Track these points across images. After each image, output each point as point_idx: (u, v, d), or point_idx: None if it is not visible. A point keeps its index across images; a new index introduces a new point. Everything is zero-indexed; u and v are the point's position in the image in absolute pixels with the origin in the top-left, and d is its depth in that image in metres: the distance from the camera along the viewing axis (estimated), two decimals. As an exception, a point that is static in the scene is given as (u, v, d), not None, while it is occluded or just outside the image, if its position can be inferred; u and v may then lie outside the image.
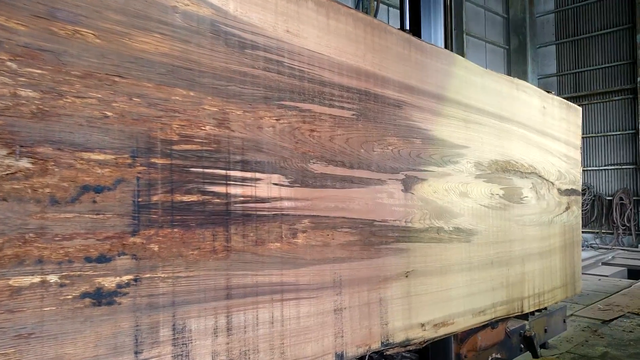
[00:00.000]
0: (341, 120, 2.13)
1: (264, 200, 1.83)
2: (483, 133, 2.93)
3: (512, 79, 3.23)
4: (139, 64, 1.52)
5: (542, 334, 4.44)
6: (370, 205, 2.25)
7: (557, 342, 6.22)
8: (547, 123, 3.58)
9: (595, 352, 5.99)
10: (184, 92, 1.61)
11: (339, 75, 2.12)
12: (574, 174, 3.94)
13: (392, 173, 2.36)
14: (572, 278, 3.91)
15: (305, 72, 1.98)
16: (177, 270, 1.58)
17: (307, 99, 1.99)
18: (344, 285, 2.12)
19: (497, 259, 3.02)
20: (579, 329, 6.89)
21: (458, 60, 2.79)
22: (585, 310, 7.90)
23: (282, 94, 1.90)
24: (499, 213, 3.04)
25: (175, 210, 1.58)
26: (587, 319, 7.34)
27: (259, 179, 1.81)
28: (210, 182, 1.67)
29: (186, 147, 1.61)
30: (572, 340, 6.40)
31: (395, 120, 2.39)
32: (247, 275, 1.77)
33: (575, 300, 8.28)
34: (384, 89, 2.33)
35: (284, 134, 1.90)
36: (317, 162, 2.02)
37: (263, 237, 1.82)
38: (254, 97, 1.81)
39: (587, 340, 6.40)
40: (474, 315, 2.82)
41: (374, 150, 2.27)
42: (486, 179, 2.94)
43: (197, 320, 1.63)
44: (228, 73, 1.73)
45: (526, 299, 3.30)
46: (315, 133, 2.02)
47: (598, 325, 7.05)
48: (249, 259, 1.78)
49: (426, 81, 2.56)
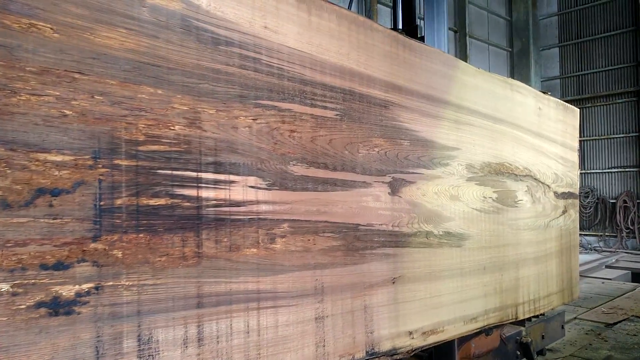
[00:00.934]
0: (324, 121, 2.05)
1: (239, 203, 1.75)
2: (475, 134, 2.84)
3: (505, 79, 3.15)
4: (102, 60, 1.44)
5: (540, 340, 4.34)
6: (355, 208, 2.16)
7: (561, 346, 6.11)
8: (543, 124, 3.49)
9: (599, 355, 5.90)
10: (151, 89, 1.53)
11: (322, 74, 2.04)
12: (570, 177, 3.84)
13: (378, 175, 2.28)
14: (570, 283, 3.81)
15: (284, 70, 1.90)
16: (143, 278, 1.50)
17: (287, 98, 1.91)
18: (326, 292, 2.04)
19: (490, 264, 2.93)
20: (582, 332, 6.77)
21: (449, 59, 2.71)
22: (588, 314, 7.78)
23: (260, 92, 1.82)
24: (492, 217, 2.95)
25: (141, 214, 1.50)
26: (590, 322, 7.23)
27: (233, 181, 1.73)
28: (180, 185, 1.59)
29: (153, 147, 1.53)
30: (575, 344, 6.30)
31: (382, 120, 2.31)
32: (220, 282, 1.69)
33: (578, 303, 8.14)
34: (370, 89, 2.25)
35: (262, 135, 1.82)
36: (297, 164, 1.94)
37: (238, 242, 1.74)
38: (228, 95, 1.73)
39: (590, 344, 6.29)
40: (465, 322, 2.73)
41: (358, 152, 2.19)
42: (478, 181, 2.85)
43: (165, 331, 1.55)
44: (200, 70, 1.65)
45: (521, 305, 3.20)
46: (296, 134, 1.94)
47: (602, 329, 6.95)
48: (223, 265, 1.70)
49: (415, 80, 2.48)
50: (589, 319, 7.34)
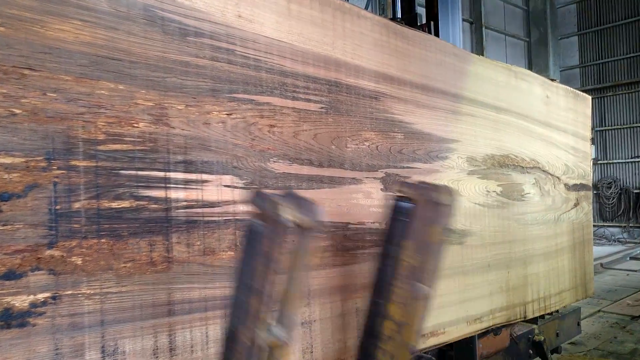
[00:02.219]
0: (307, 114, 1.93)
1: (214, 204, 1.65)
2: (477, 125, 2.70)
3: (509, 67, 2.99)
4: (54, 54, 1.34)
5: (554, 338, 4.17)
6: (344, 206, 2.05)
7: (585, 339, 5.95)
8: (552, 113, 3.32)
9: (625, 348, 5.73)
10: (111, 85, 1.44)
11: (304, 65, 1.93)
12: (583, 168, 3.67)
13: (369, 171, 2.16)
14: (583, 279, 3.64)
15: (262, 61, 1.79)
16: (106, 286, 1.41)
17: (265, 91, 1.80)
18: (314, 295, 1.93)
19: (495, 262, 2.78)
20: (607, 325, 6.64)
21: (446, 47, 2.57)
22: (613, 306, 7.63)
23: (234, 85, 1.71)
24: (496, 212, 2.81)
25: (103, 218, 1.41)
26: (615, 315, 7.09)
27: (206, 180, 1.63)
28: (146, 186, 1.49)
29: (115, 147, 1.44)
30: (599, 337, 6.16)
31: (373, 113, 2.18)
32: (193, 288, 1.59)
33: (602, 296, 8.06)
34: (359, 79, 2.13)
35: (237, 130, 1.72)
36: (278, 161, 1.83)
37: (213, 245, 1.64)
38: (199, 89, 1.62)
39: (615, 337, 6.15)
40: (468, 323, 2.60)
41: (347, 147, 2.07)
42: (481, 175, 2.71)
43: (132, 341, 1.45)
44: (166, 63, 1.55)
45: (530, 303, 3.06)
46: (276, 129, 1.83)
47: (627, 322, 6.79)
48: (196, 270, 1.60)
49: (408, 70, 2.35)
50: (613, 312, 7.22)
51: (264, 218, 1.26)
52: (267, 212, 1.26)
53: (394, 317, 1.68)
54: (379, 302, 1.74)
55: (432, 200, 1.64)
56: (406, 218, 1.68)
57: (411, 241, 1.66)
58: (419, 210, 1.66)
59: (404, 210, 1.70)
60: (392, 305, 1.68)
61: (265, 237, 1.24)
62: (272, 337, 1.28)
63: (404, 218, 1.69)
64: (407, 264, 1.67)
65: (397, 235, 1.70)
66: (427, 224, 1.65)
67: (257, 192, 1.32)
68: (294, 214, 1.26)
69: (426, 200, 1.65)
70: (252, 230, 1.30)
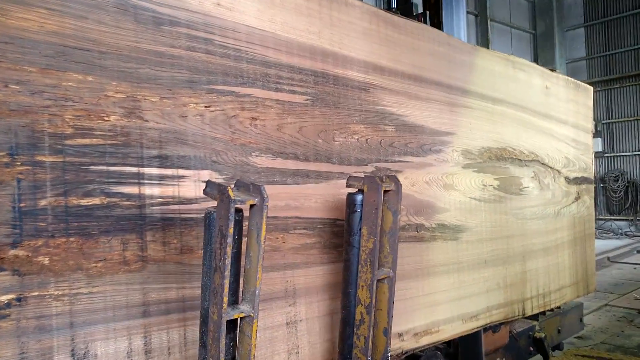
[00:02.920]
0: (292, 106, 1.86)
1: (191, 200, 1.58)
2: (472, 117, 2.62)
3: (507, 57, 2.91)
4: (17, 44, 1.28)
5: (555, 334, 4.10)
6: (332, 202, 1.98)
7: (592, 333, 5.90)
8: (551, 105, 3.24)
9: (632, 342, 5.68)
10: (79, 76, 1.37)
11: (288, 55, 1.85)
12: (584, 161, 3.58)
13: (358, 165, 2.09)
14: (585, 275, 3.56)
15: (242, 51, 1.72)
16: (75, 287, 1.35)
17: (247, 83, 1.73)
18: (300, 294, 1.87)
19: (492, 258, 2.71)
20: (614, 319, 6.56)
21: (440, 36, 2.49)
22: (620, 300, 7.59)
23: (213, 76, 1.65)
24: (493, 206, 2.73)
25: (71, 216, 1.35)
26: (622, 309, 7.03)
27: (183, 176, 1.57)
28: (118, 182, 1.43)
29: (84, 141, 1.37)
30: (606, 331, 6.12)
31: (362, 105, 2.11)
32: (170, 288, 1.53)
33: (609, 289, 8.02)
34: (347, 70, 2.05)
35: (217, 123, 1.65)
36: (261, 155, 1.76)
37: (191, 243, 1.58)
38: (174, 81, 1.56)
39: (622, 331, 6.10)
40: (464, 321, 2.53)
41: (334, 140, 2.00)
42: (476, 168, 2.63)
43: (104, 343, 1.40)
44: (139, 54, 1.48)
45: (528, 300, 2.98)
46: (258, 121, 1.76)
47: (634, 315, 6.74)
48: (173, 269, 1.54)
49: (400, 60, 2.27)
50: (620, 306, 7.18)
51: (217, 203, 1.34)
52: (217, 196, 1.34)
53: (362, 301, 1.76)
54: (349, 291, 1.81)
55: (377, 188, 1.73)
56: (360, 209, 1.77)
57: (366, 227, 1.75)
58: (366, 198, 1.75)
59: (357, 202, 1.78)
60: (360, 291, 1.76)
61: (218, 218, 1.32)
62: (237, 312, 1.36)
63: (358, 209, 1.77)
64: (366, 248, 1.75)
65: (355, 225, 1.78)
66: (376, 210, 1.72)
67: (207, 181, 1.41)
68: (241, 194, 1.35)
69: (371, 188, 1.74)
70: (209, 217, 1.39)
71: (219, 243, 1.31)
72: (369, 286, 1.74)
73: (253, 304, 1.38)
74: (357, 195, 1.77)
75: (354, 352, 1.78)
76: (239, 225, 1.36)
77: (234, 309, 1.37)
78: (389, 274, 1.84)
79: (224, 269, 1.29)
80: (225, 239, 1.29)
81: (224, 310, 1.30)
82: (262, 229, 1.37)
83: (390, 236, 1.83)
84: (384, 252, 1.83)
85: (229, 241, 1.29)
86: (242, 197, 1.34)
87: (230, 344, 1.40)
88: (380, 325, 1.85)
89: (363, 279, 1.75)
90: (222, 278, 1.29)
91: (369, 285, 1.74)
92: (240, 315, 1.38)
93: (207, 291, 1.37)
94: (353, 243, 1.78)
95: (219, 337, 1.31)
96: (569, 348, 5.20)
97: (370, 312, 1.74)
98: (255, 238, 1.39)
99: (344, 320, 1.81)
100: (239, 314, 1.37)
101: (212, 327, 1.32)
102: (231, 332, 1.40)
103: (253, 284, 1.39)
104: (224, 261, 1.29)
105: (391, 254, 1.84)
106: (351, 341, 1.79)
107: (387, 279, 1.84)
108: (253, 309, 1.38)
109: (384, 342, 1.84)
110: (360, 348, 1.76)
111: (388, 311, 1.84)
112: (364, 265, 1.75)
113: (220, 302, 1.30)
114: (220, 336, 1.31)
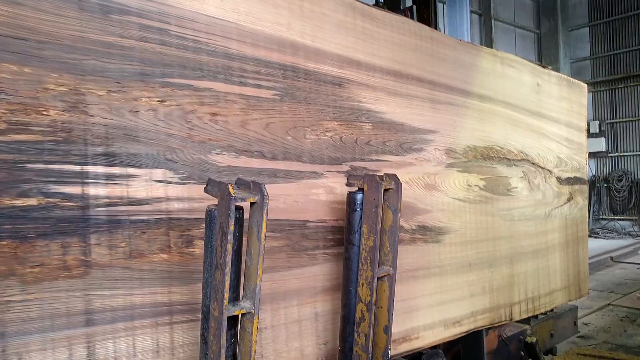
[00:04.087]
0: (258, 102, 1.76)
1: (142, 201, 1.48)
2: (457, 115, 2.51)
3: (494, 52, 2.80)
4: (-58, 32, 1.18)
5: (548, 339, 3.98)
6: (302, 202, 1.88)
7: (594, 332, 5.89)
8: (543, 102, 3.12)
9: (634, 342, 5.64)
10: (14, 67, 1.27)
11: (253, 47, 1.75)
12: (577, 160, 3.46)
13: (332, 164, 1.98)
14: (577, 278, 3.45)
15: (202, 42, 1.62)
16: (8, 294, 1.25)
17: (207, 76, 1.63)
18: (264, 300, 1.76)
19: (477, 261, 2.60)
20: (616, 319, 6.52)
21: (422, 29, 2.38)
22: (623, 300, 7.60)
23: (169, 69, 1.54)
24: (478, 207, 2.62)
25: (3, 217, 1.25)
26: (625, 309, 7.01)
27: (133, 175, 1.47)
28: (58, 181, 1.33)
29: (19, 137, 1.28)
30: (609, 330, 6.11)
31: (336, 101, 2.01)
32: (117, 295, 1.43)
33: (612, 289, 8.02)
34: (319, 64, 1.95)
35: (172, 119, 1.55)
36: (222, 153, 1.66)
37: (141, 247, 1.48)
38: (124, 73, 1.45)
39: (625, 330, 6.05)
40: (446, 326, 2.42)
41: (306, 138, 1.90)
42: (461, 168, 2.52)
43: (40, 354, 1.30)
44: (84, 44, 1.38)
45: (516, 304, 2.87)
46: (220, 117, 1.66)
47: (637, 315, 6.74)
48: (120, 275, 1.44)
49: (378, 55, 2.16)
50: (623, 305, 7.17)
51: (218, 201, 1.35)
52: (217, 194, 1.35)
53: (363, 299, 1.77)
54: (350, 289, 1.82)
55: (377, 187, 1.73)
56: (360, 207, 1.78)
57: (366, 225, 1.75)
58: (366, 196, 1.75)
59: (357, 201, 1.78)
60: (360, 288, 1.78)
61: (219, 215, 1.33)
62: (238, 309, 1.38)
63: (359, 208, 1.78)
64: (367, 246, 1.76)
65: (355, 223, 1.79)
66: (376, 208, 1.73)
67: (208, 179, 1.42)
68: (241, 192, 1.36)
69: (371, 187, 1.74)
70: (210, 215, 1.40)
71: (220, 240, 1.33)
72: (370, 284, 1.76)
73: (254, 300, 1.40)
74: (358, 194, 1.78)
75: (354, 350, 1.80)
76: (239, 222, 1.38)
77: (234, 305, 1.38)
78: (390, 272, 1.85)
79: (225, 266, 1.31)
80: (226, 236, 1.30)
81: (225, 306, 1.32)
82: (263, 226, 1.39)
83: (390, 234, 1.85)
84: (384, 250, 1.85)
85: (230, 238, 1.31)
86: (243, 194, 1.36)
87: (231, 340, 1.42)
88: (380, 323, 1.86)
89: (363, 277, 1.77)
90: (223, 275, 1.31)
91: (370, 283, 1.76)
92: (241, 312, 1.39)
93: (208, 288, 1.39)
94: (353, 241, 1.80)
95: (220, 334, 1.32)
96: (572, 347, 5.16)
97: (371, 310, 1.76)
98: (255, 235, 1.40)
99: (345, 318, 1.83)
100: (240, 310, 1.39)
101: (214, 324, 1.34)
102: (232, 328, 1.41)
103: (254, 281, 1.41)
104: (225, 258, 1.31)
105: (391, 252, 1.85)
106: (352, 339, 1.81)
107: (388, 277, 1.86)
108: (254, 305, 1.40)
109: (384, 339, 1.86)
110: (360, 345, 1.78)
111: (388, 309, 1.86)
112: (365, 263, 1.77)
113: (221, 298, 1.32)
114: (222, 332, 1.32)
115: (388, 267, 1.85)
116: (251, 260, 1.41)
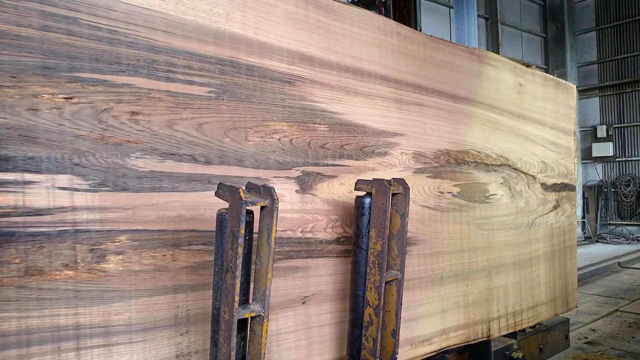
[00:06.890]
0: (189, 99, 1.59)
1: (42, 211, 1.31)
2: (426, 116, 2.33)
3: (472, 50, 2.61)
4: None
5: (537, 353, 3.78)
6: (243, 212, 1.70)
7: (602, 339, 5.86)
8: (525, 104, 2.93)
9: None
10: None
11: (184, 39, 1.58)
12: (565, 165, 3.27)
13: (279, 169, 1.80)
14: (564, 291, 3.25)
15: (120, 33, 1.45)
16: None
17: (126, 70, 1.46)
18: (195, 321, 1.59)
19: (450, 274, 2.41)
20: (624, 325, 6.43)
21: (387, 24, 2.20)
22: (631, 306, 7.46)
23: (78, 62, 1.37)
24: (452, 216, 2.43)
25: None
26: (633, 315, 6.89)
27: (31, 181, 1.29)
28: None
29: None
30: (617, 337, 6.05)
31: (285, 100, 1.83)
32: (10, 318, 1.26)
33: (620, 295, 7.97)
34: (264, 59, 1.77)
35: (81, 118, 1.37)
36: (144, 156, 1.49)
37: (40, 264, 1.30)
38: (21, 67, 1.28)
39: (633, 337, 5.93)
40: (413, 345, 2.23)
41: (248, 140, 1.72)
42: (431, 173, 2.34)
43: None
44: (-31, 32, 1.21)
45: (495, 320, 2.68)
46: (141, 116, 1.48)
47: None
48: (14, 295, 1.26)
49: (335, 50, 1.98)
50: (631, 311, 7.11)
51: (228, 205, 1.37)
52: (229, 198, 1.37)
53: (371, 303, 1.79)
54: (358, 293, 1.84)
55: (385, 191, 1.75)
56: (368, 212, 1.81)
57: (374, 230, 1.78)
58: (374, 201, 1.78)
59: (366, 205, 1.81)
60: (368, 293, 1.79)
61: (230, 219, 1.36)
62: (248, 311, 1.40)
63: (367, 212, 1.81)
64: (375, 251, 1.78)
65: (364, 227, 1.82)
66: (384, 213, 1.75)
67: (219, 184, 1.43)
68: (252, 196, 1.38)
69: (379, 191, 1.76)
70: (220, 219, 1.41)
71: (230, 243, 1.35)
72: (378, 288, 1.78)
73: (263, 303, 1.42)
74: (366, 198, 1.81)
75: (362, 354, 1.82)
76: (249, 226, 1.40)
77: (244, 308, 1.41)
78: (397, 276, 1.88)
79: (236, 269, 1.33)
80: (237, 239, 1.33)
81: (235, 309, 1.34)
82: (273, 230, 1.41)
83: (398, 239, 1.87)
84: (392, 255, 1.88)
85: (241, 241, 1.33)
86: (253, 199, 1.38)
87: (240, 342, 1.44)
88: (388, 327, 1.89)
89: (371, 281, 1.79)
90: (234, 278, 1.33)
91: (378, 287, 1.78)
92: (251, 315, 1.41)
93: (218, 291, 1.41)
94: (361, 245, 1.83)
95: (230, 336, 1.35)
96: (579, 353, 5.02)
97: (379, 314, 1.78)
98: (265, 239, 1.43)
99: (353, 322, 1.85)
100: (250, 313, 1.41)
101: (224, 326, 1.36)
102: (242, 331, 1.43)
103: (264, 284, 1.43)
104: (236, 261, 1.33)
105: (399, 256, 1.88)
106: (359, 342, 1.83)
107: (395, 281, 1.88)
108: (263, 308, 1.42)
109: (392, 343, 1.88)
110: (368, 349, 1.80)
111: (396, 313, 1.88)
112: (373, 267, 1.79)
113: (231, 301, 1.34)
114: (232, 335, 1.35)
115: (396, 272, 1.87)
116: (261, 263, 1.44)
